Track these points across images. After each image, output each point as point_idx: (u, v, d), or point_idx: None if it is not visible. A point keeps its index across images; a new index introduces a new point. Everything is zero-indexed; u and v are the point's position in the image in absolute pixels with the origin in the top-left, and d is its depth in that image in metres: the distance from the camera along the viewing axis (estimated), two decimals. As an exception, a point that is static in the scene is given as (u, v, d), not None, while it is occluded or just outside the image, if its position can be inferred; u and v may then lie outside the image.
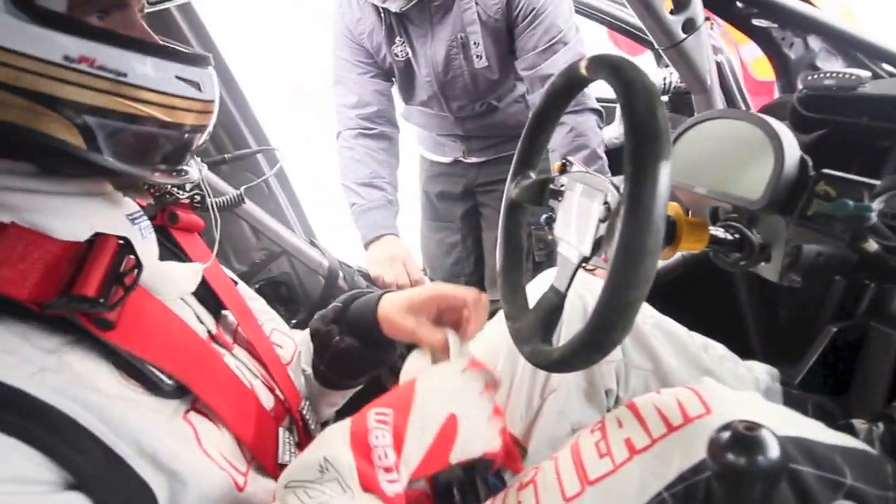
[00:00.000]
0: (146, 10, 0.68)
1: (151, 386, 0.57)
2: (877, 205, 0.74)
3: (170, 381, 0.58)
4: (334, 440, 0.62)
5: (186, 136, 0.63)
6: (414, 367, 0.83)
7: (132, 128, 0.57)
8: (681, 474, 0.63)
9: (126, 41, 0.55)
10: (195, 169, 0.69)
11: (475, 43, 1.55)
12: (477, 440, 0.69)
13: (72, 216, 0.58)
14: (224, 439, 0.63)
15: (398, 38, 1.60)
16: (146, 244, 0.66)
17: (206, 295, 0.77)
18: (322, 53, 1.74)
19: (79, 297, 0.52)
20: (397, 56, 1.63)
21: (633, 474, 0.66)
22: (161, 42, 0.62)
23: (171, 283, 0.67)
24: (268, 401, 0.75)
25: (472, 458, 0.69)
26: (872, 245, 0.79)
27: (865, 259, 0.82)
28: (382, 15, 1.57)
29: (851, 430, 0.94)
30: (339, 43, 1.68)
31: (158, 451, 0.54)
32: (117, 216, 0.64)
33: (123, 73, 0.54)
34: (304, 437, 0.80)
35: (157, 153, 0.61)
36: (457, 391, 0.71)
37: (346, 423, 0.64)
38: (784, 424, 0.64)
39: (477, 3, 1.51)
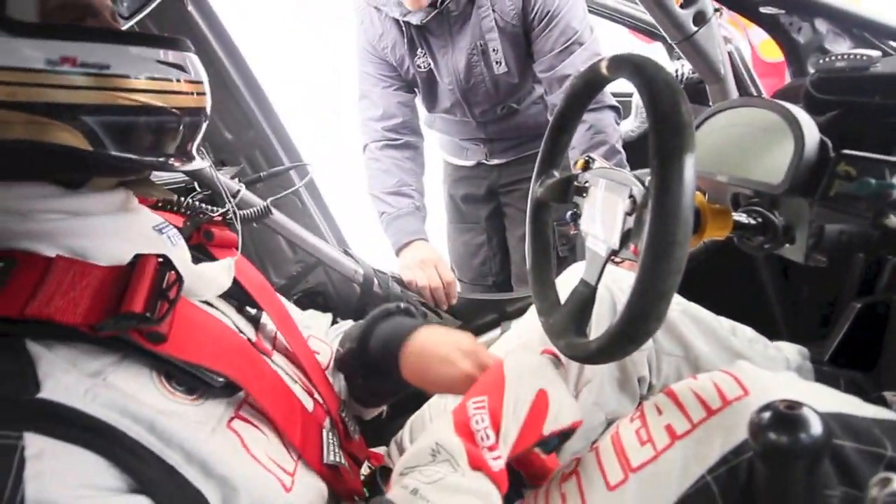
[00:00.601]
0: (127, 26, 0.68)
1: (201, 391, 0.58)
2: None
3: (220, 379, 0.58)
4: (441, 429, 0.68)
5: (186, 119, 0.61)
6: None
7: (129, 119, 0.56)
8: (723, 456, 0.61)
9: (101, 34, 0.54)
10: (203, 159, 0.68)
11: (494, 49, 1.53)
12: (565, 411, 0.71)
13: (108, 239, 0.58)
14: (270, 442, 0.63)
15: (420, 50, 1.59)
16: (177, 251, 0.66)
17: (245, 302, 0.77)
18: (335, 51, 1.74)
19: (127, 315, 0.53)
20: (420, 67, 1.62)
21: (675, 459, 0.65)
22: (136, 30, 0.61)
23: (207, 281, 0.68)
24: (308, 403, 0.75)
25: (563, 428, 0.71)
26: (894, 221, 0.76)
27: (888, 235, 0.79)
28: (404, 28, 1.56)
29: (884, 403, 0.91)
30: (363, 59, 1.68)
31: (207, 459, 0.54)
32: (146, 230, 0.65)
33: (106, 66, 0.53)
34: (344, 440, 0.80)
35: (159, 141, 0.60)
36: (541, 369, 0.74)
37: (449, 415, 0.69)
38: (822, 401, 0.63)
39: (494, 10, 1.49)
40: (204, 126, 0.65)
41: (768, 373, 0.69)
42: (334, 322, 1.08)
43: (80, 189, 0.59)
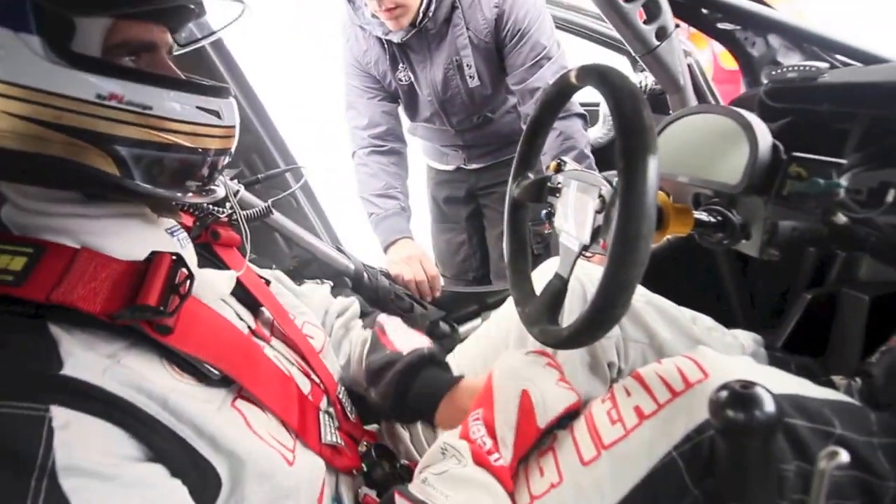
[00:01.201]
0: (176, 52, 0.68)
1: (202, 378, 0.58)
2: (843, 181, 0.73)
3: (216, 373, 0.59)
4: (449, 435, 0.74)
5: (210, 159, 0.62)
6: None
7: (160, 155, 0.57)
8: (687, 434, 0.62)
9: (150, 78, 0.56)
10: (222, 188, 0.69)
11: (468, 64, 1.55)
12: (553, 401, 0.74)
13: (123, 239, 0.59)
14: (270, 421, 0.64)
15: (401, 65, 1.60)
16: (185, 253, 0.66)
17: (244, 296, 0.78)
18: (330, 57, 1.74)
19: (142, 307, 0.54)
20: (401, 81, 1.64)
21: (643, 437, 0.65)
22: (183, 77, 0.62)
23: (210, 287, 0.68)
24: (305, 386, 0.75)
25: (559, 415, 0.73)
26: (841, 218, 0.78)
27: (836, 231, 0.81)
28: (386, 46, 1.58)
29: (832, 386, 0.93)
30: (349, 72, 1.68)
31: (215, 433, 0.55)
32: (158, 232, 0.65)
33: (149, 107, 0.55)
34: (343, 421, 0.81)
35: (184, 176, 0.61)
36: (522, 369, 0.77)
37: (457, 428, 0.75)
38: (776, 383, 0.64)
39: (468, 29, 1.50)
40: (226, 161, 0.66)
41: (727, 357, 0.70)
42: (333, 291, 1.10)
43: (99, 199, 0.60)
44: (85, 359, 0.50)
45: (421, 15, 1.45)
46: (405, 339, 0.94)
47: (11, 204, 0.58)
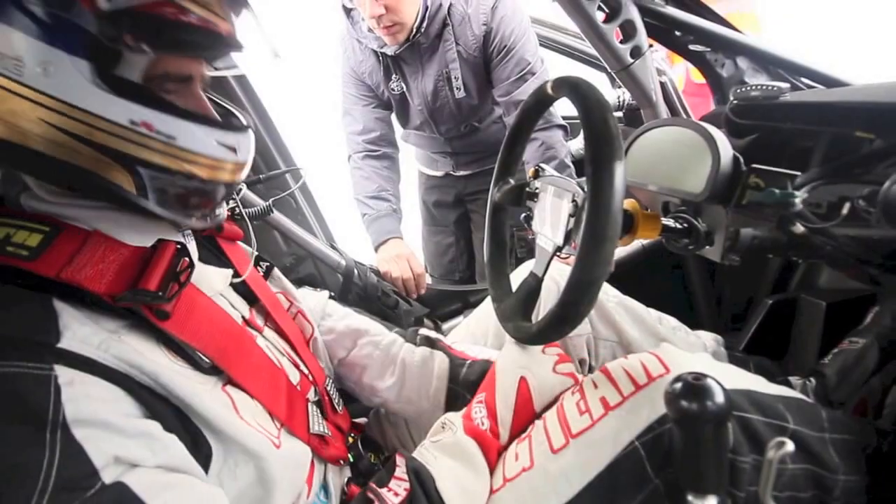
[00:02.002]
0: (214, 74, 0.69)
1: (194, 364, 0.58)
2: (803, 193, 0.73)
3: (207, 361, 0.59)
4: (451, 414, 0.79)
5: (220, 190, 0.63)
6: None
7: (175, 181, 0.58)
8: (649, 425, 0.62)
9: (179, 111, 0.57)
10: (225, 213, 0.70)
11: (456, 77, 1.56)
12: (550, 386, 0.77)
13: (133, 227, 0.60)
14: (257, 409, 0.63)
15: (394, 76, 1.61)
16: (189, 244, 0.67)
17: (241, 287, 0.78)
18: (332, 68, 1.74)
19: (143, 291, 0.55)
20: (394, 90, 1.65)
21: (608, 427, 0.65)
22: (208, 113, 0.63)
23: (206, 281, 0.68)
24: (294, 376, 0.75)
25: (554, 399, 0.76)
26: (799, 228, 0.78)
27: (794, 240, 0.81)
28: (381, 57, 1.59)
29: (788, 385, 0.94)
30: (346, 81, 1.69)
31: (206, 413, 0.56)
32: (165, 223, 0.64)
33: (173, 137, 0.56)
34: (330, 412, 0.80)
35: (193, 203, 0.62)
36: (521, 358, 0.79)
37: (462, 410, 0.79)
38: (733, 379, 0.64)
39: (458, 44, 1.52)
40: (234, 193, 0.68)
41: (687, 353, 0.70)
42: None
43: None
44: (82, 333, 0.50)
45: (414, 30, 1.47)
46: (470, 350, 0.95)
47: (32, 193, 0.58)
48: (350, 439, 0.83)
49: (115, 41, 0.52)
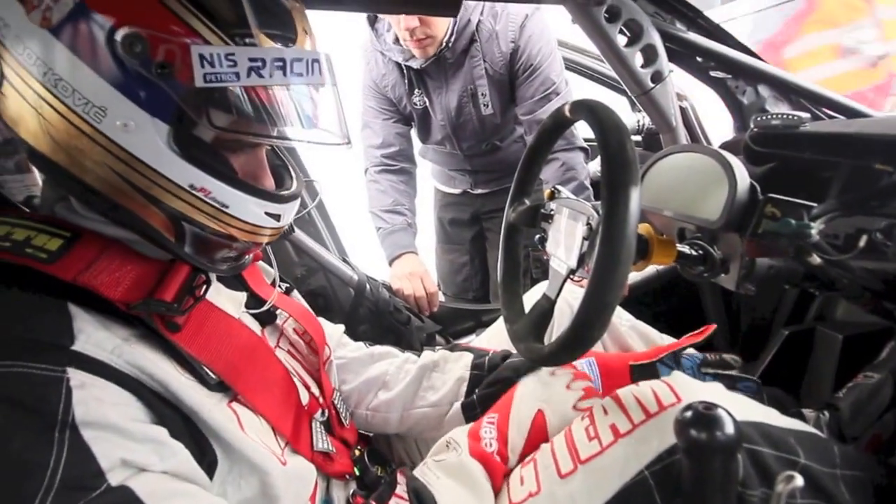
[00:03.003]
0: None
1: (200, 379, 0.59)
2: (819, 224, 0.73)
3: (214, 377, 0.59)
4: (456, 432, 0.79)
5: (256, 248, 0.67)
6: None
7: (215, 239, 0.61)
8: (658, 455, 0.62)
9: (238, 183, 0.59)
10: (250, 259, 0.73)
11: (482, 93, 1.57)
12: (566, 423, 0.76)
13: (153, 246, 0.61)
14: (262, 427, 0.64)
15: (417, 90, 1.62)
16: None
17: (257, 305, 0.78)
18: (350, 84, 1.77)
19: (158, 301, 0.56)
20: (416, 105, 1.65)
21: (617, 455, 0.65)
22: (264, 181, 0.65)
23: (217, 302, 0.69)
24: (304, 396, 0.75)
25: None
26: (816, 259, 0.78)
27: (810, 271, 0.81)
28: (404, 71, 1.60)
29: (801, 418, 0.92)
30: (367, 94, 1.71)
31: (212, 426, 0.56)
32: None
33: (226, 206, 0.59)
34: (336, 426, 0.80)
35: (226, 256, 0.65)
36: (544, 390, 0.81)
37: (468, 425, 0.80)
38: (744, 411, 0.64)
39: (484, 60, 1.53)
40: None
41: (699, 382, 0.70)
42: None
43: None
44: (96, 337, 0.51)
45: (443, 45, 1.48)
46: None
47: (69, 205, 0.60)
48: (356, 452, 0.83)
49: (198, 113, 0.54)
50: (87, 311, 0.53)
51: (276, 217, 0.64)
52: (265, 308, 0.77)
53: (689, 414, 0.51)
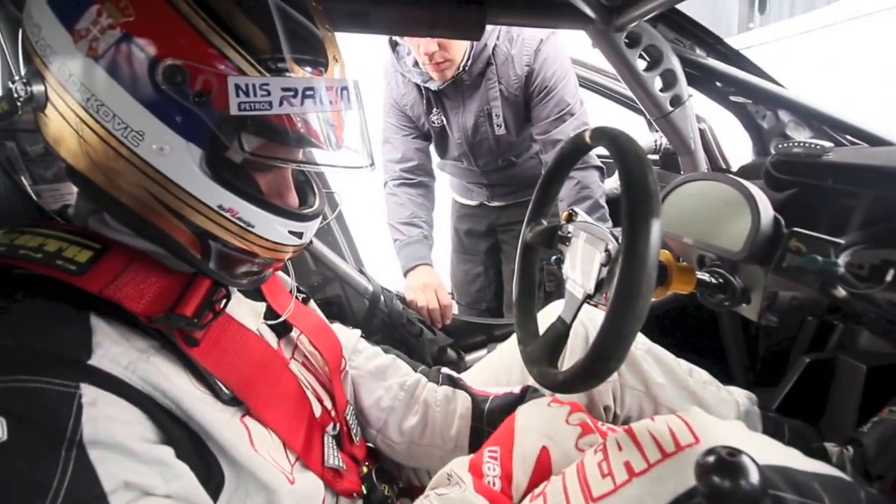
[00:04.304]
0: None
1: (214, 393, 0.58)
2: (844, 257, 0.70)
3: (228, 392, 0.59)
4: (457, 465, 0.74)
5: (276, 264, 0.67)
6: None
7: (240, 256, 0.62)
8: (676, 498, 0.57)
9: (265, 204, 0.60)
10: (270, 273, 0.73)
11: (497, 114, 1.58)
12: (569, 460, 0.72)
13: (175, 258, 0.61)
14: (273, 442, 0.63)
15: (435, 110, 1.64)
16: None
17: (274, 315, 0.77)
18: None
19: (179, 316, 0.56)
20: (434, 123, 1.67)
21: (632, 495, 0.61)
22: (289, 201, 0.65)
23: (236, 314, 0.68)
24: (316, 409, 0.74)
25: None
26: (841, 292, 0.75)
27: (835, 303, 0.78)
28: (423, 91, 1.62)
29: (825, 453, 0.88)
30: (388, 111, 1.72)
31: (222, 441, 0.55)
32: None
33: (252, 225, 0.59)
34: (347, 442, 0.79)
35: (248, 270, 0.66)
36: (546, 425, 0.77)
37: (467, 456, 0.75)
38: (767, 453, 0.60)
39: (500, 83, 1.54)
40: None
41: (719, 421, 0.66)
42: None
43: None
44: (113, 352, 0.51)
45: (460, 68, 1.49)
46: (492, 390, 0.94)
47: (102, 217, 0.61)
48: (364, 469, 0.81)
49: (231, 138, 0.55)
50: (109, 322, 0.53)
51: (299, 235, 0.64)
52: (280, 320, 0.76)
53: (711, 459, 0.48)
